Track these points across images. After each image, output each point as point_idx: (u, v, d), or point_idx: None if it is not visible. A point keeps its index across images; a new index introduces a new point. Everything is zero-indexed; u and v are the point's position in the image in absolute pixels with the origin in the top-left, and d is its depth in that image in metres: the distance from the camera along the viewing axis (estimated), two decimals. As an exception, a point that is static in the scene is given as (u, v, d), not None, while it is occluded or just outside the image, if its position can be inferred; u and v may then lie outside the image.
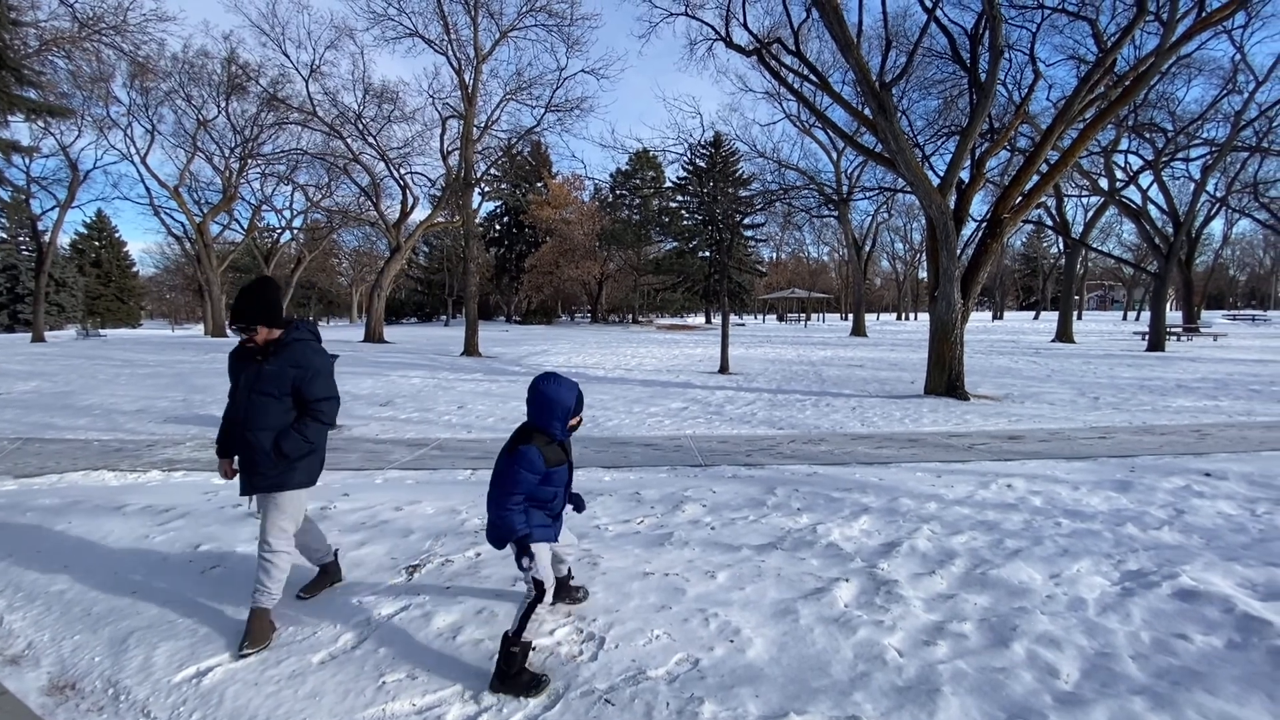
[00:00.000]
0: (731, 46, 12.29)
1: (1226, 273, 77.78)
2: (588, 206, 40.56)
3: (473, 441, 6.84)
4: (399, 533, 3.97)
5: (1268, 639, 2.52)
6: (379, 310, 23.98)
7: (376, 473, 5.55)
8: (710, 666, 2.44)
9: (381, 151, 23.47)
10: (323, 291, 58.57)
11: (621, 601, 3.00)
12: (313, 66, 22.26)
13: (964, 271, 10.34)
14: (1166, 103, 22.43)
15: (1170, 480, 5.06)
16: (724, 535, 3.90)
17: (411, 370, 14.00)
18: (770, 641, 2.62)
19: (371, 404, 9.47)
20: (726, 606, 2.93)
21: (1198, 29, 10.40)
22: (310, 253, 39.83)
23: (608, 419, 8.10)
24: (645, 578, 3.27)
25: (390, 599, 3.05)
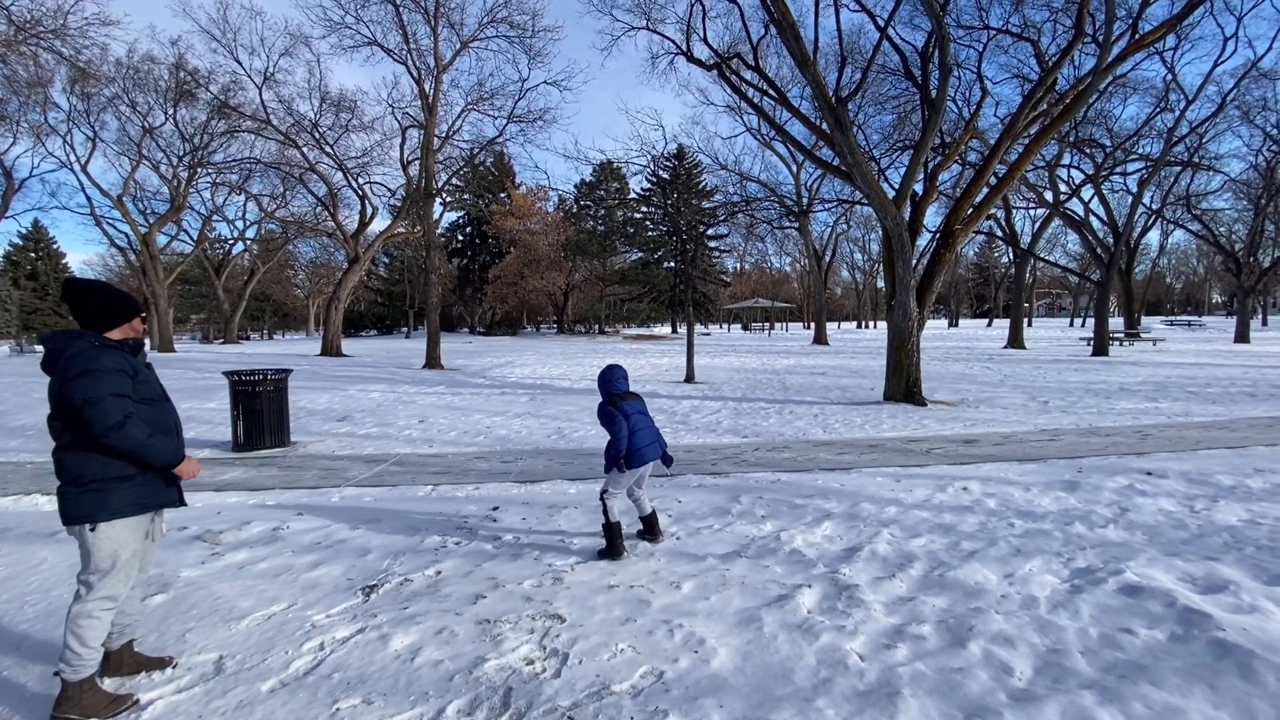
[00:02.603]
0: (693, 61, 12.48)
1: (1163, 280, 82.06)
2: (552, 217, 40.41)
3: (434, 456, 6.69)
4: (356, 552, 3.84)
5: (1208, 631, 2.64)
6: (336, 323, 23.38)
7: (333, 490, 5.37)
8: (675, 678, 2.42)
9: (339, 161, 23.00)
10: (278, 304, 56.80)
11: (586, 615, 2.96)
12: (266, 74, 21.73)
13: (919, 281, 10.65)
14: (1105, 120, 23.70)
15: (1115, 480, 5.28)
16: (689, 545, 3.90)
17: (371, 384, 13.66)
18: (735, 651, 2.61)
19: (328, 419, 9.19)
20: (692, 617, 2.92)
21: (1131, 50, 11.03)
22: (264, 264, 38.66)
23: (574, 430, 8.03)
24: (610, 590, 3.23)
25: (345, 621, 2.94)
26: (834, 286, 78.41)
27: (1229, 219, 35.58)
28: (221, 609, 3.07)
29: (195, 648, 2.71)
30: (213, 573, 3.54)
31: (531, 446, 7.11)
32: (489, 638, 2.76)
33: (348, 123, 23.01)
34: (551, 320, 51.50)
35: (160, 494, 2.43)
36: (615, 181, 40.16)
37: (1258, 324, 47.18)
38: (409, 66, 18.21)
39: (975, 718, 2.12)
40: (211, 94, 23.36)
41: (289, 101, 22.72)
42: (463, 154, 21.17)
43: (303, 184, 26.03)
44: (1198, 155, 24.81)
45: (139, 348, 2.46)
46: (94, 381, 2.17)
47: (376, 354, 24.67)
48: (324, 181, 24.48)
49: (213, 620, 2.96)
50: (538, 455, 6.60)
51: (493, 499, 4.95)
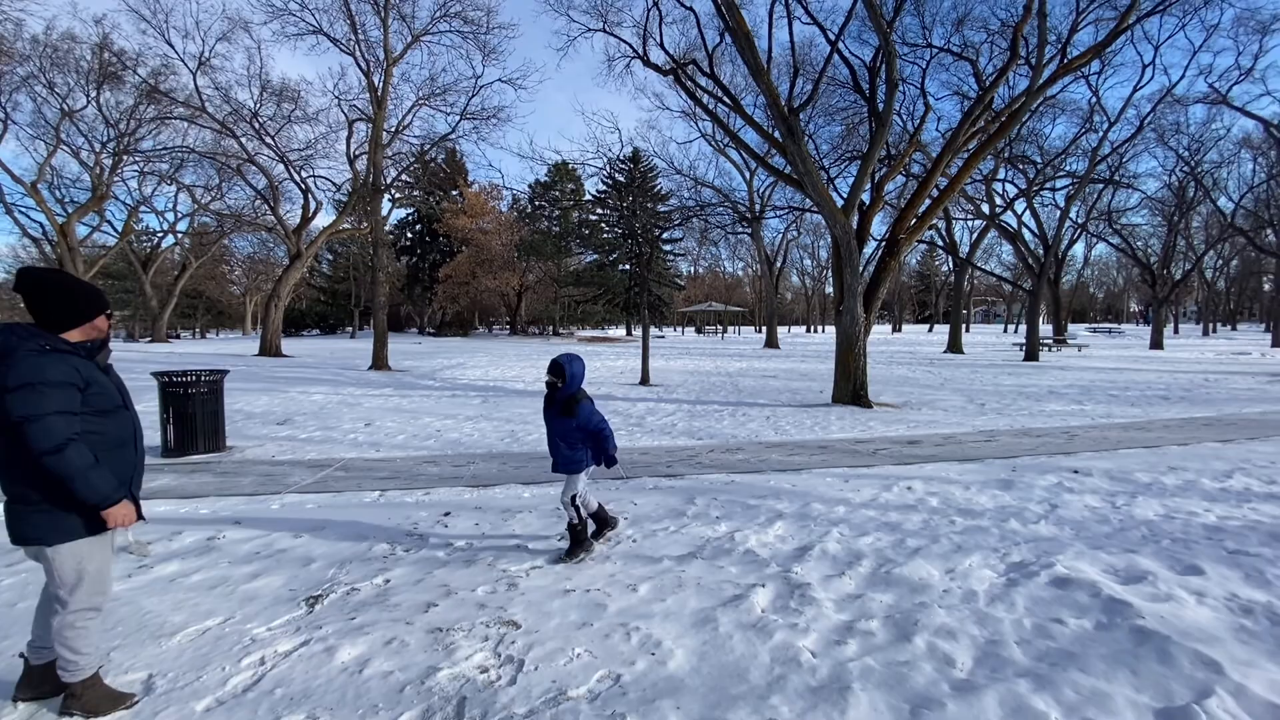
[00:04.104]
0: (649, 65, 12.55)
1: (1088, 290, 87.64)
2: (505, 217, 39.82)
3: (382, 461, 6.49)
4: (298, 562, 3.69)
5: (1129, 619, 2.82)
6: (276, 321, 22.37)
7: (273, 498, 5.13)
8: (632, 681, 2.42)
9: (280, 153, 22.03)
10: (212, 301, 53.89)
11: (542, 621, 2.93)
12: (201, 59, 20.62)
13: (866, 287, 11.01)
14: (1036, 138, 25.12)
15: (1046, 478, 5.59)
16: (645, 547, 3.91)
17: (313, 386, 13.13)
18: (691, 652, 2.63)
19: (267, 423, 8.78)
20: (648, 619, 2.92)
21: (1060, 74, 11.74)
22: (197, 259, 36.63)
23: (528, 434, 7.93)
24: (566, 595, 3.21)
25: (288, 634, 2.82)
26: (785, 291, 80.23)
27: (1145, 234, 38.36)
28: (151, 625, 2.89)
29: (121, 668, 2.54)
30: (140, 586, 3.33)
31: (484, 450, 6.98)
32: (441, 647, 2.70)
33: (290, 113, 22.10)
34: (504, 321, 50.77)
35: None
36: (570, 183, 39.96)
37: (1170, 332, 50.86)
38: (357, 58, 17.64)
39: (920, 709, 2.20)
40: (140, 77, 21.99)
41: (226, 89, 21.63)
42: (413, 150, 20.63)
43: (240, 176, 24.77)
44: (1118, 174, 26.61)
45: (99, 349, 2.23)
46: (37, 397, 1.97)
47: (319, 354, 23.73)
48: (264, 174, 23.40)
49: (141, 637, 2.79)
50: (491, 459, 6.49)
51: (444, 504, 4.83)
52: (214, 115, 21.04)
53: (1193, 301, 68.68)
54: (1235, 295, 67.25)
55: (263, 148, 22.20)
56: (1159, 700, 2.24)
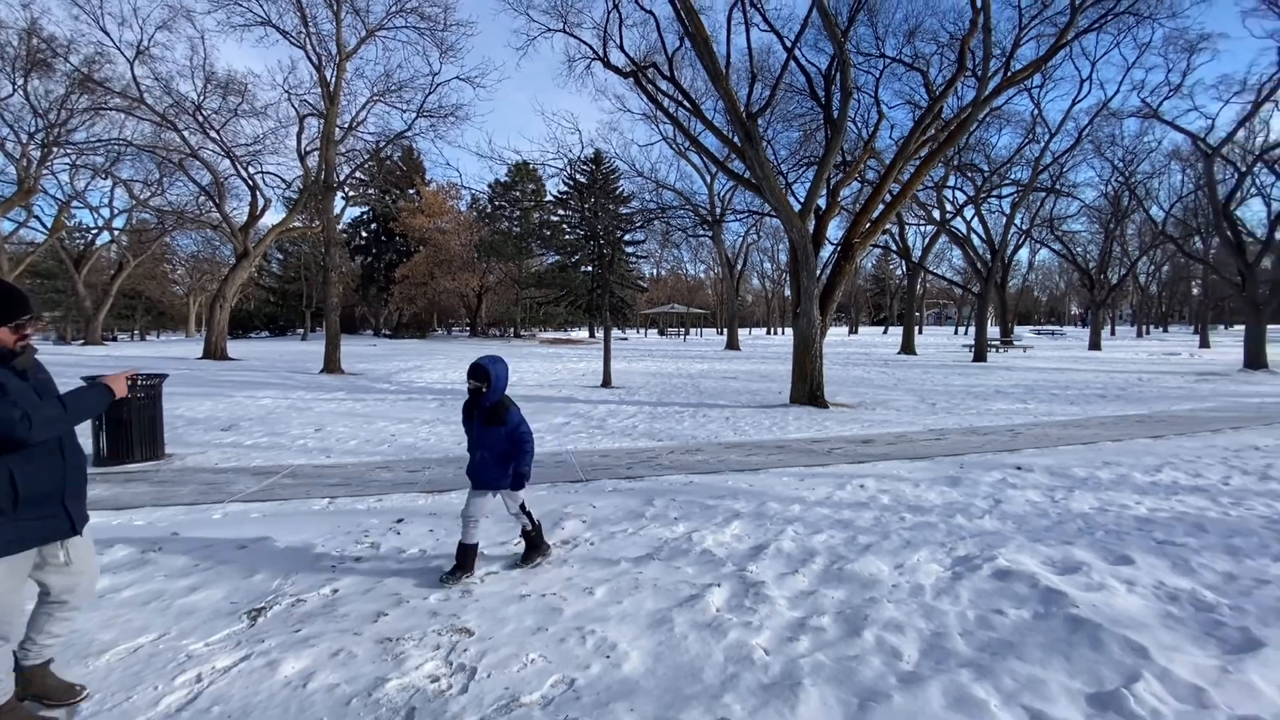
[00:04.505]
0: (609, 67, 12.55)
1: (1032, 294, 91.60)
2: (465, 216, 39.17)
3: (332, 467, 6.29)
4: (241, 573, 3.54)
5: (1065, 608, 2.95)
6: (222, 323, 21.47)
7: (215, 507, 4.92)
8: (586, 685, 2.40)
9: (226, 148, 21.16)
10: (153, 302, 51.36)
11: (496, 628, 2.88)
12: (140, 47, 19.63)
13: (822, 290, 11.25)
14: (984, 147, 26.12)
15: (991, 475, 5.80)
16: (603, 550, 3.89)
17: (261, 390, 12.65)
18: (646, 653, 2.63)
19: (211, 429, 8.41)
20: (604, 622, 2.91)
21: (1004, 86, 12.26)
22: (135, 257, 34.87)
23: (485, 436, 7.82)
24: (522, 600, 3.17)
25: (228, 649, 2.70)
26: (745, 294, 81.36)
27: (1084, 240, 40.32)
28: (78, 644, 2.73)
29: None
30: (65, 604, 3.13)
31: (441, 455, 6.84)
32: (391, 657, 2.63)
33: (237, 107, 21.23)
34: (464, 323, 49.96)
35: (38, 530, 2.10)
36: (531, 183, 39.63)
37: (1108, 333, 53.58)
38: (308, 51, 17.10)
39: (868, 702, 2.25)
40: (72, 66, 20.82)
41: (167, 80, 20.61)
42: (368, 147, 20.10)
43: (183, 170, 23.66)
44: (1059, 183, 27.90)
45: (10, 357, 2.07)
46: None
47: (268, 357, 22.88)
48: (208, 169, 22.42)
49: (65, 658, 2.62)
50: (447, 464, 6.37)
51: (397, 511, 4.71)
52: (153, 107, 20.07)
53: (1128, 305, 72.54)
54: (1167, 299, 71.38)
55: (207, 142, 21.29)
56: (1090, 685, 2.34)
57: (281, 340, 43.02)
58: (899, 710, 2.20)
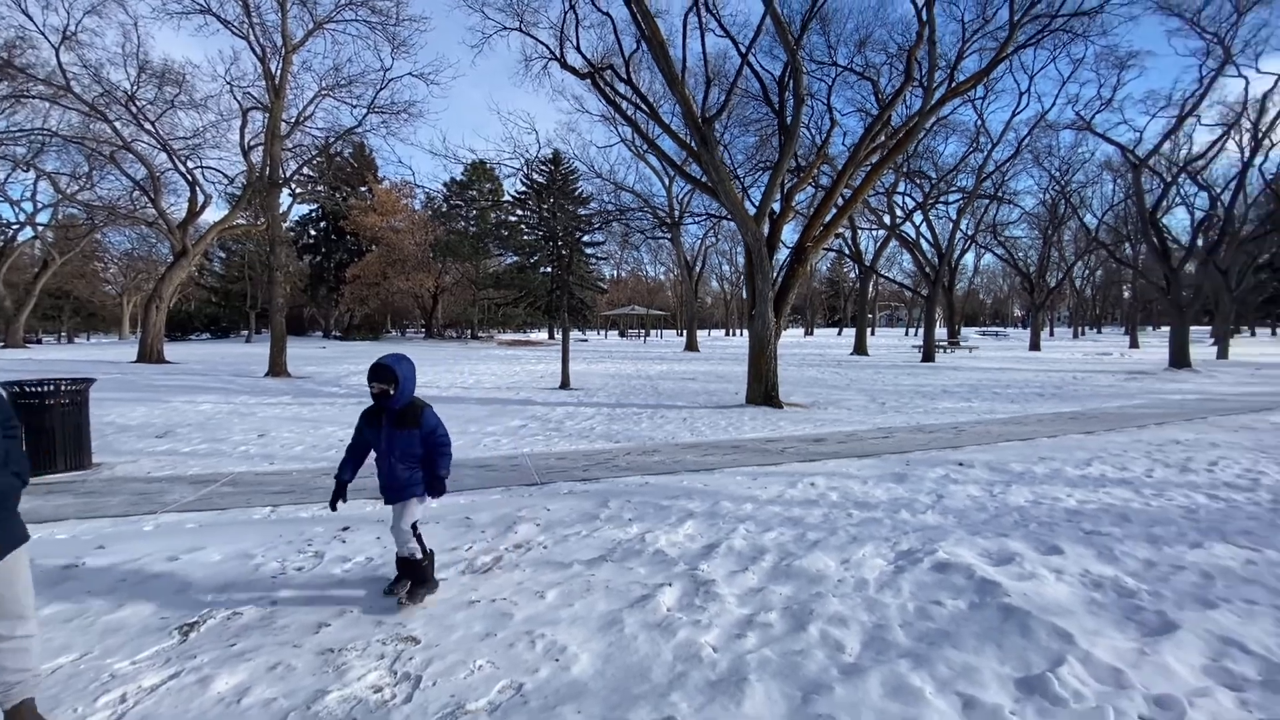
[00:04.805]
0: (566, 68, 12.49)
1: (978, 296, 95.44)
2: (419, 215, 38.28)
3: (275, 474, 6.06)
4: (173, 587, 3.37)
5: (998, 598, 3.08)
6: (158, 324, 20.42)
7: (146, 518, 4.67)
8: (534, 690, 2.38)
9: (162, 140, 20.15)
10: (82, 302, 48.46)
11: (443, 635, 2.83)
12: (65, 33, 18.52)
13: (776, 293, 11.46)
14: (932, 155, 27.09)
15: (935, 471, 6.02)
16: (556, 553, 3.87)
17: (201, 394, 12.09)
18: (596, 655, 2.63)
19: (144, 436, 7.99)
20: (555, 625, 2.89)
21: (949, 96, 12.75)
22: (62, 255, 32.84)
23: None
24: (471, 606, 3.12)
25: (156, 667, 2.57)
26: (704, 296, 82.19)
27: (1025, 246, 42.29)
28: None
29: (-58, 719, 2.22)
30: (-27, 625, 2.92)
31: (391, 459, 6.67)
32: (332, 668, 2.55)
33: (174, 98, 20.25)
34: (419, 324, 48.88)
35: None
36: (489, 182, 39.09)
37: (1047, 334, 56.23)
38: (251, 43, 16.44)
39: (811, 695, 2.31)
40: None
41: (97, 67, 19.48)
42: (316, 142, 19.48)
43: (114, 164, 22.39)
44: (1001, 190, 29.18)
45: None
46: None
47: (210, 360, 21.88)
48: (142, 163, 21.29)
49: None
50: (398, 468, 6.21)
51: (343, 518, 4.57)
52: (81, 96, 18.95)
53: (1065, 307, 76.36)
54: (1100, 301, 75.54)
55: (141, 134, 20.22)
56: (1019, 670, 2.46)
57: (224, 342, 41.17)
58: (840, 701, 2.26)
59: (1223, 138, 22.26)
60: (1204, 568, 3.58)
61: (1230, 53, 19.17)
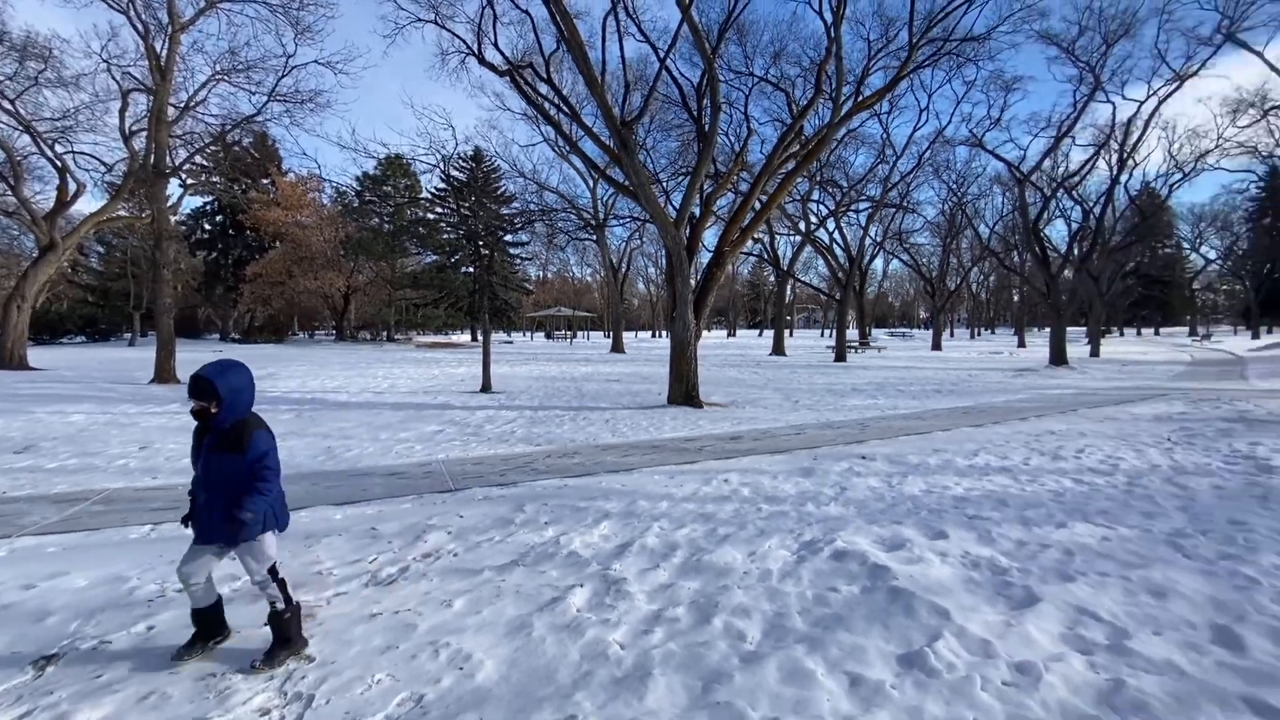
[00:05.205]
0: (484, 64, 12.24)
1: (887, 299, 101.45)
2: (328, 211, 36.19)
3: (158, 489, 5.56)
4: (28, 617, 3.04)
5: (887, 581, 3.30)
6: (20, 326, 18.24)
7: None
8: (435, 700, 2.33)
9: (24, 121, 18.02)
10: (-73, 301, 42.52)
11: (340, 650, 2.71)
12: (-98, -6, 16.23)
13: (696, 295, 11.72)
14: (843, 165, 28.54)
15: (840, 464, 6.34)
16: (467, 560, 3.78)
17: (72, 404, 10.92)
18: (501, 660, 2.60)
19: (1, 452, 7.13)
20: (460, 634, 2.83)
21: (856, 110, 13.49)
22: (-99, 247, 28.71)
23: (346, 449, 7.29)
24: (372, 620, 3.00)
25: (4, 707, 2.31)
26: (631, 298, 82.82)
27: (928, 252, 45.39)
28: None
29: None
30: None
31: (293, 470, 6.28)
32: (214, 694, 2.38)
33: (38, 74, 18.16)
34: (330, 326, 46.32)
35: None
36: (405, 178, 37.58)
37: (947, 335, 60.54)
38: (132, 18, 15.01)
39: (713, 684, 2.39)
40: None
41: (-60, 36, 17.20)
42: (210, 130, 18.04)
43: (-35, 145, 19.83)
44: (906, 200, 31.19)
45: None
46: None
47: (84, 365, 19.77)
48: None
49: None
50: (299, 479, 5.87)
51: (235, 532, 4.27)
52: (-79, 67, 16.65)
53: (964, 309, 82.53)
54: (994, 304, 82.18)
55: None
56: (901, 647, 2.64)
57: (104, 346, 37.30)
58: (739, 688, 2.35)
59: (1094, 157, 24.79)
60: (1067, 545, 3.97)
61: (1100, 80, 21.38)
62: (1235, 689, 2.37)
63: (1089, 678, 2.46)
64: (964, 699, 2.29)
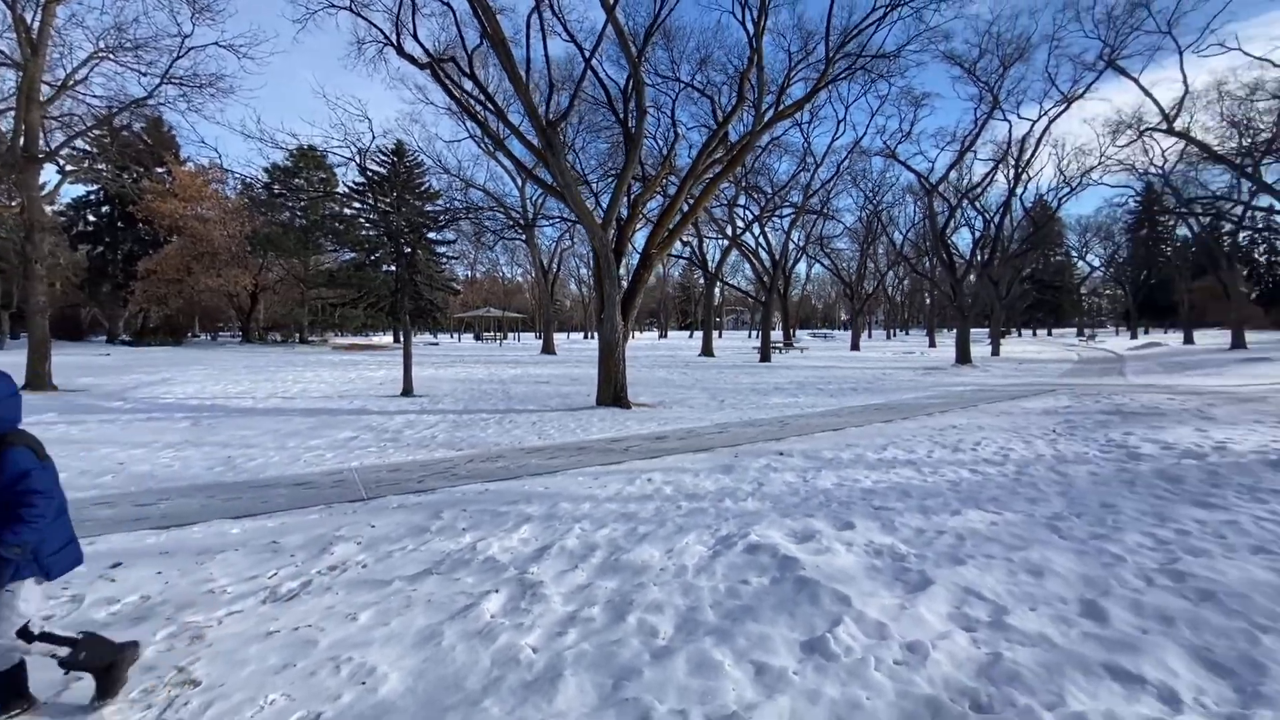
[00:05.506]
0: (403, 55, 11.80)
1: (810, 301, 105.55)
2: (233, 203, 33.67)
3: (27, 506, 5.02)
4: None
5: (796, 572, 3.43)
6: None
7: None
8: (334, 717, 2.23)
9: None
10: None
11: (230, 672, 2.54)
12: None
13: (624, 297, 11.77)
14: (767, 172, 29.48)
15: (759, 461, 6.55)
16: (376, 571, 3.64)
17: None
18: (408, 672, 2.52)
19: None
20: (365, 647, 2.72)
21: (777, 119, 13.97)
22: None
23: (249, 459, 6.83)
24: (269, 638, 2.83)
25: None
26: (563, 299, 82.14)
27: (847, 257, 47.62)
28: None
29: None
30: None
31: (186, 483, 5.84)
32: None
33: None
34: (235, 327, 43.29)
35: None
36: (320, 171, 35.60)
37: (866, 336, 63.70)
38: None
39: (623, 681, 2.41)
40: None
41: None
42: (94, 112, 16.42)
43: None
44: (826, 207, 32.61)
45: None
46: None
47: (-58, 372, 17.55)
48: None
49: None
50: (194, 493, 5.45)
51: (113, 554, 3.91)
52: None
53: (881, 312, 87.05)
54: (908, 307, 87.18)
55: None
56: (805, 634, 2.76)
57: (-34, 350, 33.21)
58: (648, 683, 2.39)
59: (993, 170, 26.81)
60: (960, 531, 4.27)
61: (998, 99, 23.13)
62: (1098, 657, 2.62)
63: (971, 653, 2.66)
64: (859, 680, 2.42)
